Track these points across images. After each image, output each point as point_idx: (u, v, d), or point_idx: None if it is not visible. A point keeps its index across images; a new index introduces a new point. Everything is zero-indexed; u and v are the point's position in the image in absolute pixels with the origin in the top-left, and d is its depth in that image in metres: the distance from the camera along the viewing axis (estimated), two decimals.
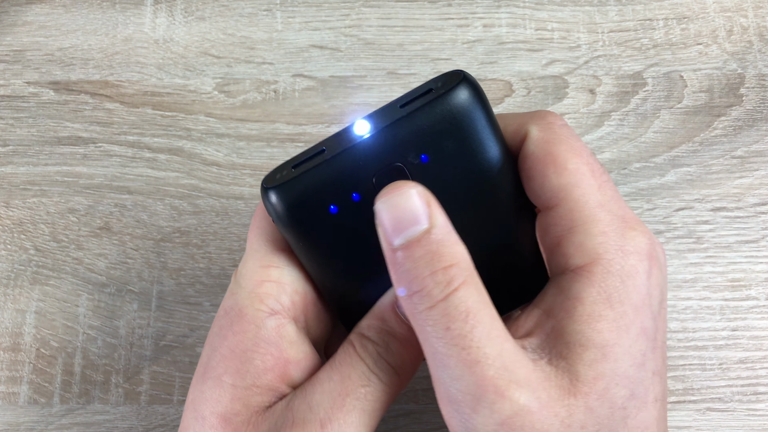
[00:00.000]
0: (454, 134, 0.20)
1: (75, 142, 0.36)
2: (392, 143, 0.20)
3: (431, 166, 0.21)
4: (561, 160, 0.21)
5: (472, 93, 0.20)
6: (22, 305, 0.34)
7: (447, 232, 0.19)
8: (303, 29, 0.38)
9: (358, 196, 0.21)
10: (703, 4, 0.38)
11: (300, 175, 0.20)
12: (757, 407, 0.31)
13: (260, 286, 0.22)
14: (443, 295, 0.18)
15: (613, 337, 0.19)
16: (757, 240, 0.34)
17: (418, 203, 0.19)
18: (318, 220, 0.21)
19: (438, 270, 0.18)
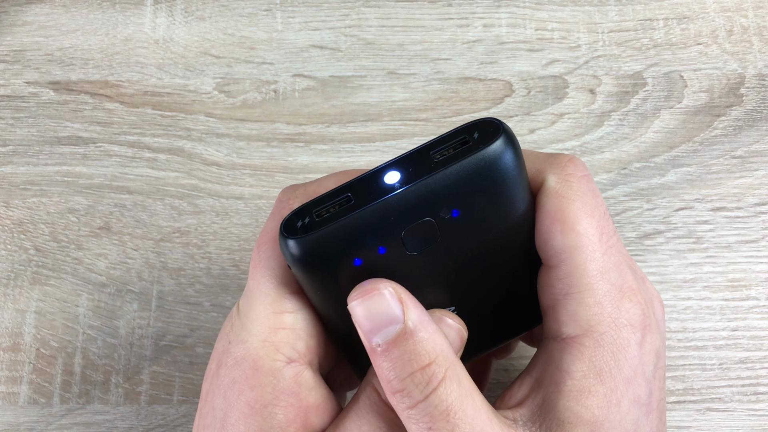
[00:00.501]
0: (489, 190, 0.20)
1: (75, 142, 0.36)
2: (424, 198, 0.19)
3: (462, 221, 0.20)
4: (570, 221, 0.20)
5: (510, 149, 0.19)
6: (22, 305, 0.34)
7: (423, 328, 0.19)
8: (303, 29, 0.38)
9: (384, 250, 0.20)
10: (703, 4, 0.38)
11: (325, 227, 0.19)
12: (757, 407, 0.31)
13: (274, 334, 0.20)
14: (423, 396, 0.18)
15: (603, 414, 0.19)
16: (757, 240, 0.34)
17: (392, 303, 0.19)
18: (341, 273, 0.20)
19: (416, 371, 0.18)
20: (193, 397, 0.32)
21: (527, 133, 0.36)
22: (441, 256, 0.20)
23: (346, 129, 0.36)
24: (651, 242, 0.34)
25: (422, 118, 0.36)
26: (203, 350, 0.33)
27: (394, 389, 0.19)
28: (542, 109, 0.36)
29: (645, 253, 0.34)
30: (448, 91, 0.37)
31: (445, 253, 0.20)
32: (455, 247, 0.20)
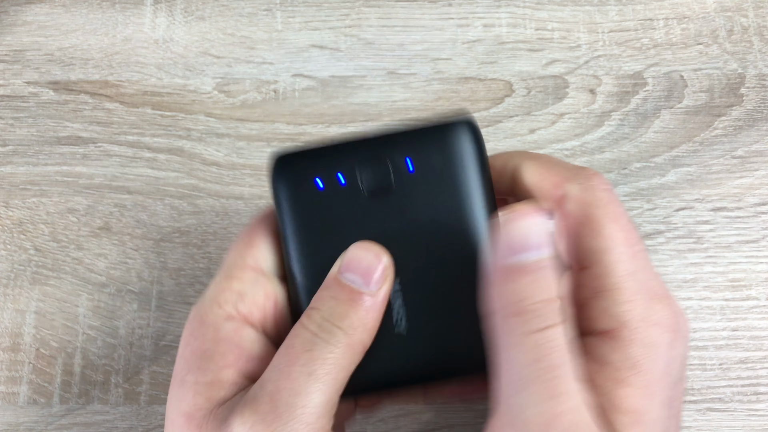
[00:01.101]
0: (444, 156, 0.22)
1: (75, 142, 0.36)
2: (385, 139, 0.22)
3: (416, 180, 0.22)
4: (597, 225, 0.21)
5: (470, 128, 0.22)
6: (21, 305, 0.34)
7: (556, 269, 0.20)
8: (303, 29, 0.38)
9: (344, 180, 0.22)
10: (703, 4, 0.38)
11: (300, 148, 0.23)
12: (757, 407, 0.31)
13: (221, 294, 0.23)
14: (542, 326, 0.19)
15: (641, 404, 0.20)
16: (758, 240, 0.34)
17: (542, 231, 0.20)
18: (304, 188, 0.23)
19: (542, 300, 0.19)
20: None
21: (527, 133, 0.36)
22: (394, 211, 0.22)
23: (346, 129, 0.36)
24: (651, 242, 0.34)
25: (422, 118, 0.36)
26: None
27: (512, 312, 0.19)
28: (542, 109, 0.36)
29: None
30: (448, 91, 0.37)
31: (398, 208, 0.22)
32: (408, 207, 0.22)
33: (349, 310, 0.21)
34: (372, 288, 0.22)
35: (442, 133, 0.22)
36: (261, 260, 0.24)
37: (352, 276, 0.22)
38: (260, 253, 0.24)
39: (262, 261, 0.24)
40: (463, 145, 0.22)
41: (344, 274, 0.22)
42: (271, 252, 0.24)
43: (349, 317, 0.21)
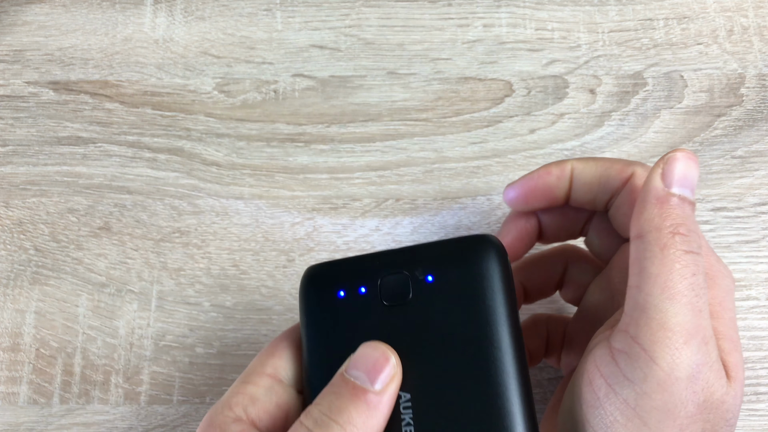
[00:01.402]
0: (464, 269, 0.22)
1: (75, 142, 0.36)
2: (405, 254, 0.23)
3: (435, 288, 0.22)
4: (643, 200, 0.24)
5: (494, 244, 0.23)
6: (21, 305, 0.34)
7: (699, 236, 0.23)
8: (303, 29, 0.38)
9: (365, 291, 0.23)
10: (703, 4, 0.38)
11: (330, 261, 0.24)
12: (757, 407, 0.31)
13: (234, 396, 0.23)
14: (696, 250, 0.21)
15: (734, 335, 0.23)
16: (758, 240, 0.34)
17: (697, 179, 0.23)
18: (327, 299, 0.23)
19: (695, 231, 0.22)
20: (193, 397, 0.32)
21: (527, 133, 0.36)
22: (410, 320, 0.22)
23: (346, 129, 0.36)
24: None
25: (422, 118, 0.36)
26: (203, 350, 0.33)
27: (679, 232, 0.21)
28: (542, 109, 0.36)
29: None
30: (448, 91, 0.37)
31: (414, 317, 0.22)
32: (424, 316, 0.22)
33: (348, 405, 0.21)
34: (377, 386, 0.21)
35: (464, 247, 0.23)
36: (280, 368, 0.24)
37: (356, 372, 0.21)
38: (280, 361, 0.24)
39: (281, 369, 0.24)
40: (484, 259, 0.22)
41: (350, 371, 0.21)
42: (292, 362, 0.24)
43: (348, 412, 0.21)
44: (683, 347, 0.20)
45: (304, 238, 0.34)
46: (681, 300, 0.21)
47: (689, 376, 0.20)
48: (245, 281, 0.34)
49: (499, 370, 0.21)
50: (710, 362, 0.21)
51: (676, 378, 0.20)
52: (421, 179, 0.35)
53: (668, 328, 0.20)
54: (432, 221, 0.34)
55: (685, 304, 0.21)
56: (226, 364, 0.32)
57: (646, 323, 0.21)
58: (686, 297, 0.21)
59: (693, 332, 0.20)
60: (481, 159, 0.35)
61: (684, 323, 0.20)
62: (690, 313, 0.21)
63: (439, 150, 0.36)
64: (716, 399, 0.21)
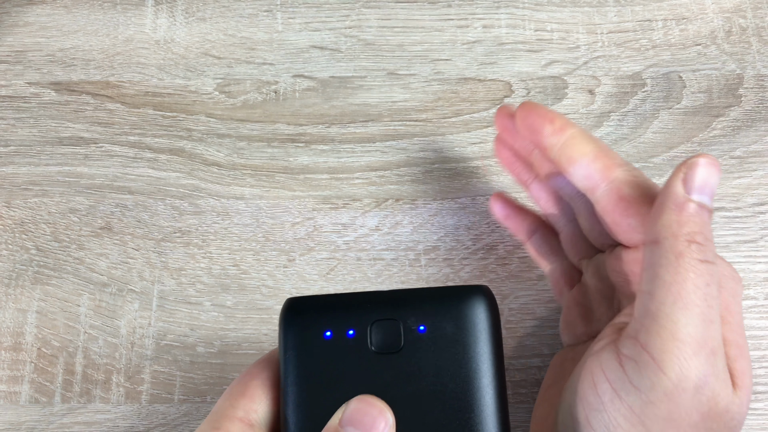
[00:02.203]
0: (457, 321, 0.22)
1: (76, 142, 0.36)
2: (398, 302, 0.23)
3: (426, 340, 0.22)
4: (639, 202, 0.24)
5: (486, 296, 0.22)
6: (23, 305, 0.34)
7: None
8: (303, 30, 0.38)
9: (354, 334, 0.22)
10: (701, 5, 0.38)
11: (315, 296, 0.23)
12: (755, 406, 0.31)
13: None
14: (711, 259, 0.21)
15: (741, 340, 0.23)
16: (756, 240, 0.34)
17: (717, 186, 0.22)
18: (312, 338, 0.22)
19: (711, 240, 0.22)
20: (194, 396, 0.32)
21: None
22: (400, 372, 0.22)
23: (346, 129, 0.36)
24: None
25: (422, 119, 0.36)
26: (204, 349, 0.33)
27: (695, 240, 0.21)
28: None
29: None
30: (447, 91, 0.37)
31: (404, 368, 0.22)
32: (414, 369, 0.22)
33: None
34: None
35: (457, 298, 0.22)
36: (252, 411, 0.23)
37: (353, 430, 0.21)
38: (252, 404, 0.23)
39: (253, 413, 0.23)
40: (477, 312, 0.22)
41: (346, 428, 0.21)
42: (266, 404, 0.23)
43: None
44: (692, 358, 0.20)
45: (304, 238, 0.34)
46: (694, 310, 0.20)
47: (696, 387, 0.20)
48: (246, 281, 0.34)
49: (484, 423, 0.22)
50: (717, 372, 0.21)
51: (684, 389, 0.20)
52: (421, 179, 0.35)
53: (679, 338, 0.20)
54: (432, 221, 0.35)
55: (697, 314, 0.20)
56: (226, 363, 0.33)
57: (657, 332, 0.21)
58: (699, 308, 0.21)
59: (703, 343, 0.20)
60: (480, 159, 0.36)
61: (695, 334, 0.20)
62: (702, 324, 0.20)
63: (438, 150, 0.36)
64: (721, 408, 0.21)
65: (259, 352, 0.33)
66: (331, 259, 0.34)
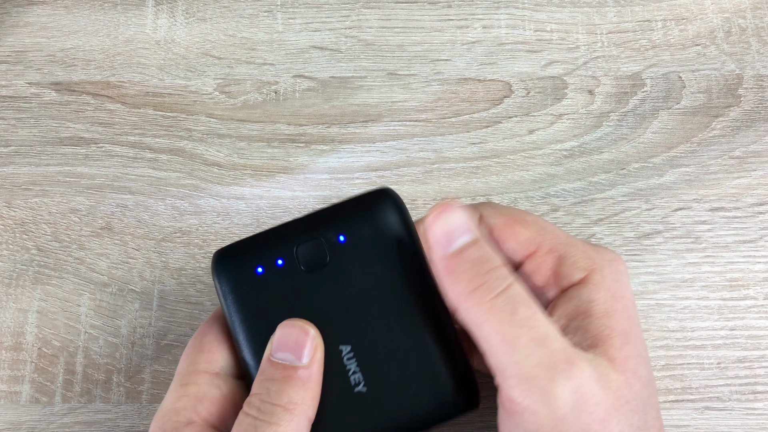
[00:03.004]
0: (370, 222, 0.24)
1: (77, 142, 0.36)
2: (315, 221, 0.24)
3: (348, 247, 0.24)
4: (521, 218, 0.25)
5: (392, 196, 0.24)
6: (24, 305, 0.34)
7: (489, 245, 0.23)
8: (303, 30, 0.38)
9: (283, 262, 0.24)
10: (701, 5, 0.38)
11: (238, 241, 0.25)
12: (755, 406, 0.31)
13: (177, 401, 0.23)
14: (505, 285, 0.21)
15: (627, 326, 0.23)
16: (755, 240, 0.34)
17: (465, 217, 0.23)
18: (245, 278, 0.24)
19: (493, 267, 0.22)
20: None
21: (526, 133, 0.36)
22: (333, 281, 0.24)
23: (346, 129, 0.36)
24: (649, 242, 0.34)
25: (422, 119, 0.36)
26: None
27: (474, 286, 0.21)
28: (541, 110, 0.36)
29: (643, 253, 0.34)
30: (447, 91, 0.37)
31: (336, 277, 0.24)
32: (345, 274, 0.23)
33: (285, 386, 0.22)
34: (304, 360, 0.22)
35: (366, 203, 0.24)
36: (213, 363, 0.24)
37: (282, 354, 0.22)
38: (212, 355, 0.24)
39: (215, 363, 0.24)
40: (387, 210, 0.24)
41: (275, 354, 0.22)
42: (223, 353, 0.24)
43: (287, 393, 0.22)
44: (550, 385, 0.20)
45: None
46: (513, 341, 0.20)
47: (574, 405, 0.20)
48: None
49: (422, 306, 0.23)
50: (557, 376, 0.20)
51: (564, 415, 0.20)
52: (421, 179, 0.35)
53: (524, 377, 0.20)
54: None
55: (526, 346, 0.20)
56: None
57: (505, 382, 0.21)
58: (522, 339, 0.20)
59: (550, 368, 0.20)
60: (480, 159, 0.36)
61: (536, 366, 0.20)
62: (537, 353, 0.20)
63: (438, 150, 0.36)
64: (597, 398, 0.20)
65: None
66: None
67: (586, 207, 0.35)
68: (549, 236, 0.25)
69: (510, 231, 0.25)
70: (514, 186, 0.35)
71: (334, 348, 0.23)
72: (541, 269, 0.25)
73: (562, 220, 0.34)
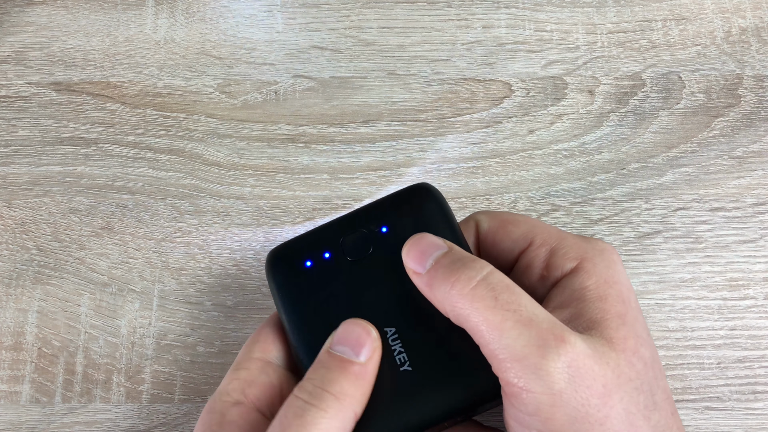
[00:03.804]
0: (411, 213, 0.25)
1: (77, 142, 0.36)
2: (359, 217, 0.26)
3: (390, 237, 0.25)
4: (513, 219, 0.26)
5: (432, 190, 0.26)
6: (24, 305, 0.34)
7: (465, 251, 0.23)
8: (303, 30, 0.38)
9: (329, 255, 0.25)
10: (701, 5, 0.38)
11: (288, 241, 0.26)
12: (755, 406, 0.31)
13: (228, 384, 0.25)
14: (484, 274, 0.22)
15: (622, 308, 0.23)
16: (755, 240, 0.34)
17: (433, 237, 0.24)
18: (296, 272, 0.25)
19: (468, 262, 0.22)
20: (194, 396, 0.32)
21: (526, 133, 0.36)
22: (377, 269, 0.25)
23: (346, 129, 0.36)
24: (649, 242, 0.34)
25: (422, 119, 0.36)
26: (204, 349, 0.33)
27: (453, 281, 0.22)
28: (541, 110, 0.36)
29: (643, 253, 0.34)
30: (447, 91, 0.37)
31: (379, 265, 0.25)
32: (388, 262, 0.25)
33: (339, 377, 0.22)
34: (362, 358, 0.23)
35: (407, 196, 0.26)
36: (267, 352, 0.25)
37: (342, 347, 0.23)
38: (266, 345, 0.25)
39: (269, 353, 0.25)
40: (427, 202, 0.25)
41: (335, 347, 0.23)
42: (277, 344, 0.26)
43: (339, 383, 0.22)
44: (542, 361, 0.20)
45: None
46: (499, 325, 0.21)
47: (569, 379, 0.20)
48: (246, 281, 0.34)
49: None
50: (547, 350, 0.20)
51: (560, 390, 0.20)
52: (421, 179, 0.35)
53: (515, 358, 0.20)
54: None
55: (512, 328, 0.21)
56: (227, 363, 0.33)
57: (500, 367, 0.21)
58: (508, 322, 0.21)
59: (541, 347, 0.20)
60: (480, 159, 0.36)
61: (526, 347, 0.20)
62: (524, 334, 0.20)
63: (438, 150, 0.36)
64: (595, 373, 0.21)
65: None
66: None
67: (586, 207, 0.35)
68: (540, 231, 0.26)
69: (503, 231, 0.26)
70: (514, 186, 0.35)
71: (380, 330, 0.24)
72: (534, 263, 0.25)
73: (562, 220, 0.34)
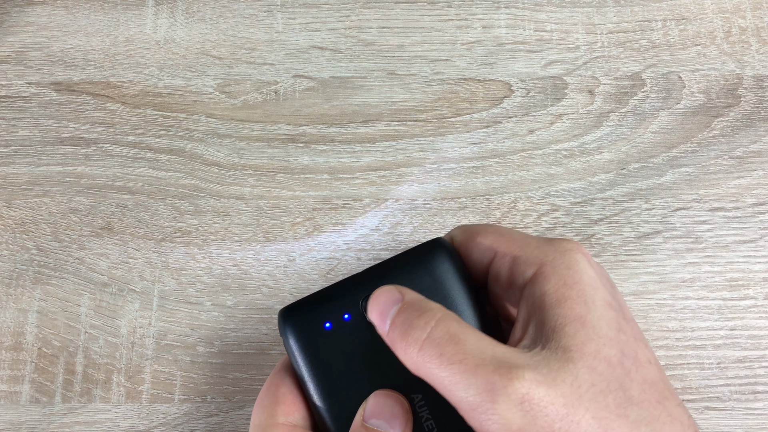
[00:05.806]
0: (430, 274, 0.25)
1: (77, 142, 0.36)
2: (376, 276, 0.25)
3: None
4: (482, 230, 0.26)
5: (445, 246, 0.25)
6: (24, 305, 0.34)
7: (416, 298, 0.23)
8: (303, 30, 0.38)
9: (349, 317, 0.25)
10: (701, 5, 0.38)
11: (302, 299, 0.25)
12: (755, 406, 0.31)
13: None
14: (428, 332, 0.22)
15: (583, 309, 0.22)
16: (755, 240, 0.34)
17: (391, 290, 0.24)
18: (315, 334, 0.25)
19: (415, 320, 0.22)
20: (194, 396, 0.32)
21: (526, 133, 0.36)
22: None
23: (346, 129, 0.36)
24: (649, 242, 0.34)
25: (422, 119, 0.36)
26: (204, 349, 0.33)
27: (405, 346, 0.22)
28: (541, 110, 0.36)
29: (643, 253, 0.34)
30: (447, 91, 0.37)
31: None
32: None
33: None
34: (396, 431, 0.23)
35: (422, 254, 0.25)
36: (291, 415, 0.25)
37: (376, 421, 0.23)
38: (288, 407, 0.25)
39: (292, 416, 0.25)
40: (443, 259, 0.25)
41: (370, 420, 0.23)
42: (299, 405, 0.25)
43: None
44: (494, 407, 0.20)
45: (304, 238, 0.34)
46: (449, 381, 0.21)
47: (524, 415, 0.20)
48: (246, 281, 0.34)
49: None
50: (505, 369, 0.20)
51: (519, 429, 0.20)
52: (421, 179, 0.35)
53: (471, 408, 0.20)
54: (431, 221, 0.35)
55: (450, 379, 0.20)
56: (227, 363, 0.33)
57: (468, 420, 0.21)
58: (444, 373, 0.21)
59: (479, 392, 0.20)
60: (480, 159, 0.36)
61: (468, 396, 0.20)
62: (461, 384, 0.20)
63: (438, 150, 0.36)
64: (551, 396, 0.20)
65: (259, 352, 0.33)
66: (331, 259, 0.34)
67: (586, 207, 0.35)
68: (503, 240, 0.25)
69: (472, 244, 0.26)
70: (514, 186, 0.35)
71: (407, 397, 0.24)
72: (500, 274, 0.25)
73: (562, 220, 0.34)
